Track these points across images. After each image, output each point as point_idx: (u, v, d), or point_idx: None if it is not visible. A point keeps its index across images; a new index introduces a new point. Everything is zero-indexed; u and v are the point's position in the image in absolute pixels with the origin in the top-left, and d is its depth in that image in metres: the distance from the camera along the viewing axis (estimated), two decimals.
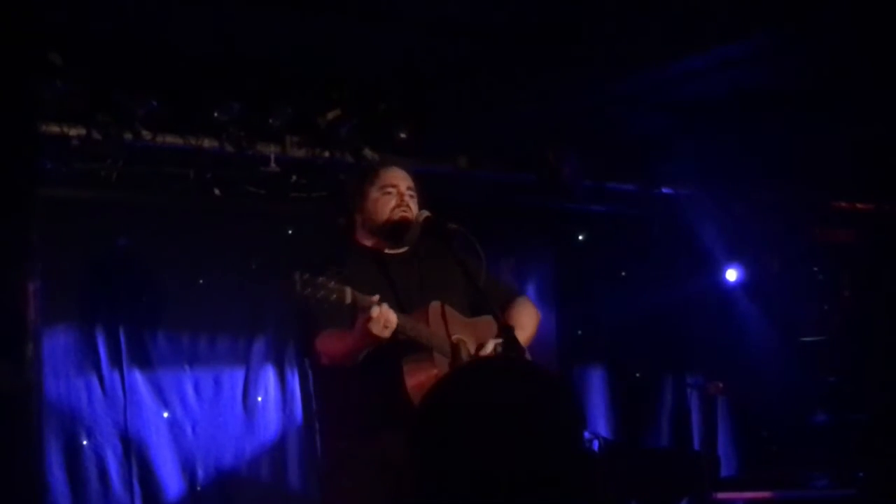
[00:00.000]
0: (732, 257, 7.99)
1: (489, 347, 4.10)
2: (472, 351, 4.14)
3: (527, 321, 4.35)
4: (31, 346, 4.81)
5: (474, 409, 1.89)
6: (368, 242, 4.26)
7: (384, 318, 3.74)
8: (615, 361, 7.97)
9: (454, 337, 4.10)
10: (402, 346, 3.94)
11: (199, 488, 6.32)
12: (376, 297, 3.78)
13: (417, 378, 3.92)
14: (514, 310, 4.38)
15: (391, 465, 3.91)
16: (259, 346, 6.62)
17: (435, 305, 4.08)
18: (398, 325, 3.81)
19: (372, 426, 4.03)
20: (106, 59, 5.55)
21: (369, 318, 3.71)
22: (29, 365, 4.79)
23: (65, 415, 6.01)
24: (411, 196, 4.26)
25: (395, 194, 4.24)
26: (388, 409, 3.96)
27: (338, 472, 4.13)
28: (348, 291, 3.73)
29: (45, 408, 5.78)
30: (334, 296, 3.70)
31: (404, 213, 4.20)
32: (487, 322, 4.15)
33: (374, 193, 4.25)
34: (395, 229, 4.20)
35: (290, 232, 6.61)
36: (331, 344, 3.96)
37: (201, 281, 6.43)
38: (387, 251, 4.25)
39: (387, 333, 3.76)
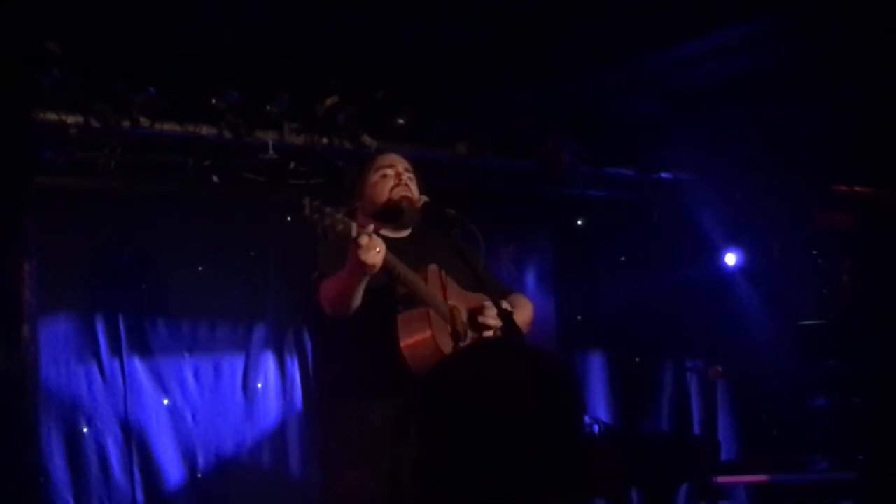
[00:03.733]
0: (732, 242, 7.99)
1: (489, 314, 4.11)
2: (465, 318, 4.14)
3: (522, 315, 4.35)
4: (27, 328, 4.84)
5: (475, 391, 1.90)
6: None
7: (375, 243, 3.73)
8: (615, 346, 7.97)
9: (450, 302, 4.11)
10: (398, 302, 3.95)
11: (199, 475, 6.33)
12: (371, 227, 3.78)
13: (412, 336, 3.92)
14: (511, 301, 4.38)
15: (382, 433, 3.93)
16: (259, 332, 6.63)
17: (433, 268, 4.09)
18: (395, 267, 3.82)
19: (364, 389, 4.03)
20: (104, 47, 5.54)
21: (359, 245, 3.70)
22: (25, 346, 4.82)
23: (65, 402, 6.02)
24: (409, 177, 4.27)
25: (393, 175, 4.25)
26: (380, 371, 3.96)
27: (333, 440, 4.14)
28: (354, 226, 3.72)
29: (45, 396, 5.80)
30: (340, 226, 3.68)
31: (404, 192, 4.20)
32: (484, 298, 4.15)
33: (373, 177, 4.26)
34: (396, 209, 4.20)
35: (288, 219, 6.60)
36: (329, 287, 3.95)
37: (200, 268, 6.44)
38: (387, 234, 4.25)
39: (378, 259, 3.73)
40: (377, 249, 3.73)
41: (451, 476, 1.84)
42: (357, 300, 3.90)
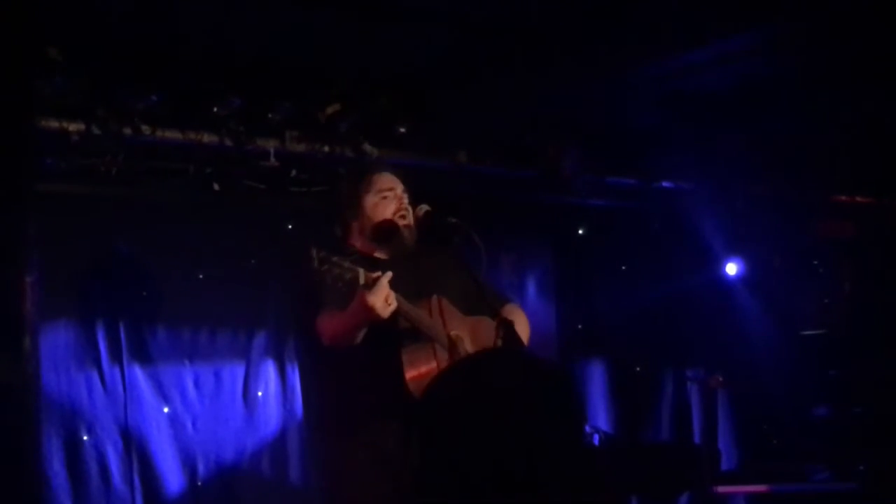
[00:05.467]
0: (732, 251, 7.99)
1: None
2: (469, 348, 4.14)
3: (519, 329, 4.36)
4: (28, 340, 4.82)
5: (478, 401, 1.90)
6: (363, 247, 4.27)
7: (387, 293, 3.76)
8: (615, 355, 7.97)
9: (452, 333, 4.11)
10: (402, 336, 3.96)
11: (199, 483, 6.32)
12: (387, 273, 3.80)
13: (417, 369, 3.94)
14: (508, 312, 4.38)
15: (388, 456, 3.94)
16: (259, 340, 6.63)
17: (435, 300, 4.10)
18: (400, 306, 3.84)
19: (369, 416, 4.04)
20: (105, 54, 5.54)
21: (371, 291, 3.72)
22: (26, 358, 4.80)
23: (65, 410, 6.00)
24: (408, 200, 4.29)
25: (394, 198, 4.26)
26: (385, 400, 3.97)
27: (337, 464, 4.14)
28: (361, 272, 3.76)
29: (46, 404, 5.79)
30: (349, 275, 3.74)
31: (405, 221, 4.23)
32: (485, 322, 4.16)
33: (372, 198, 4.27)
34: (395, 233, 4.22)
35: (289, 226, 6.60)
36: (331, 322, 3.97)
37: (201, 276, 6.44)
38: (381, 256, 4.26)
39: (386, 311, 3.78)
40: (389, 303, 3.77)
41: (453, 483, 1.84)
42: (359, 337, 3.93)
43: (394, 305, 3.81)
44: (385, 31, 5.61)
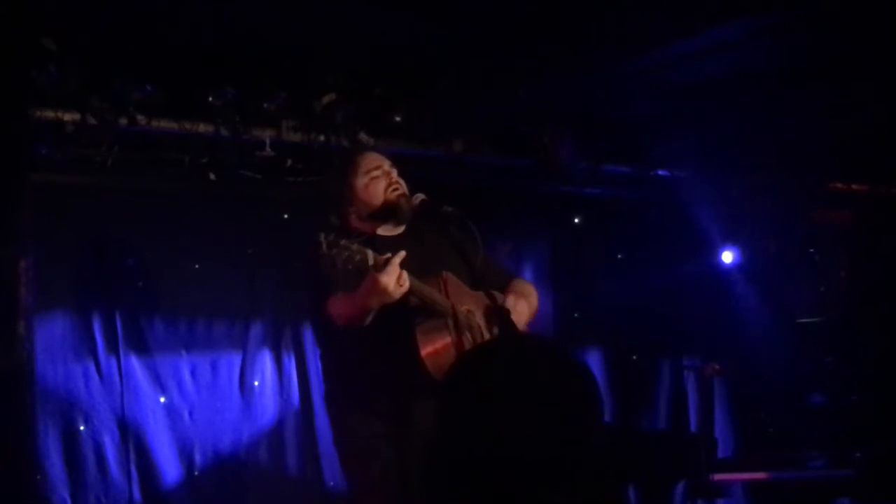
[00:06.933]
0: (729, 239, 7.99)
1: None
2: (481, 322, 4.16)
3: (524, 306, 4.37)
4: (22, 324, 4.82)
5: (502, 388, 1.89)
6: (364, 227, 4.28)
7: (399, 272, 3.77)
8: (612, 344, 7.96)
9: (464, 307, 4.13)
10: (415, 313, 3.97)
11: (196, 473, 6.32)
12: (399, 253, 3.81)
13: (433, 345, 3.96)
14: (514, 292, 4.39)
15: (403, 437, 3.96)
16: (256, 330, 6.62)
17: (443, 276, 4.11)
18: (411, 284, 3.84)
19: (384, 396, 4.06)
20: (100, 44, 5.53)
21: (383, 272, 3.73)
22: (20, 343, 4.80)
23: (62, 401, 6.00)
24: (397, 174, 4.29)
25: (383, 175, 4.27)
26: (402, 377, 3.99)
27: (352, 442, 4.16)
28: (370, 254, 3.77)
29: (42, 394, 5.79)
30: (358, 257, 3.75)
31: (399, 192, 4.23)
32: (495, 296, 4.18)
33: (362, 180, 4.28)
34: (394, 209, 4.22)
35: (285, 216, 6.60)
36: (342, 304, 4.00)
37: (197, 266, 6.43)
38: (384, 233, 4.27)
39: (399, 292, 3.79)
40: (401, 283, 3.78)
41: (471, 474, 1.83)
42: (371, 316, 3.93)
43: (406, 285, 3.83)
44: (381, 20, 5.60)
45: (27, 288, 4.81)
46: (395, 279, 3.79)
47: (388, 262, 3.80)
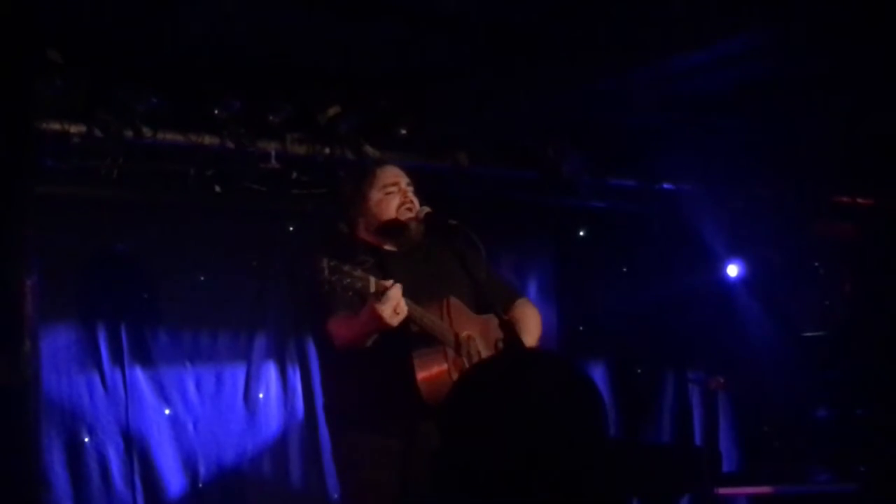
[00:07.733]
0: (733, 252, 7.99)
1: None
2: (481, 348, 4.16)
3: (533, 326, 4.38)
4: (28, 343, 4.82)
5: (502, 399, 1.89)
6: (371, 240, 4.28)
7: (397, 302, 3.77)
8: (616, 357, 7.96)
9: (464, 333, 4.12)
10: (414, 339, 3.97)
11: (200, 485, 6.31)
12: (397, 284, 3.83)
13: (428, 371, 3.96)
14: (518, 313, 4.39)
15: (399, 456, 3.96)
16: (260, 342, 6.62)
17: (446, 301, 4.12)
18: (410, 313, 3.85)
19: (381, 417, 4.06)
20: (106, 56, 5.55)
21: (381, 301, 3.74)
22: (26, 361, 4.80)
23: (66, 412, 6.00)
24: (412, 193, 4.29)
25: (398, 192, 4.27)
26: (397, 400, 3.99)
27: (352, 464, 4.17)
28: (372, 280, 3.78)
29: (47, 405, 5.78)
30: (359, 284, 3.75)
31: (410, 214, 4.23)
32: (496, 320, 4.17)
33: (376, 194, 4.28)
34: (401, 229, 4.23)
35: (290, 228, 6.61)
36: (341, 326, 4.01)
37: (202, 278, 6.43)
38: (390, 248, 4.27)
39: (396, 320, 3.80)
40: (398, 312, 3.79)
41: (475, 482, 1.84)
42: (371, 340, 3.95)
43: (403, 314, 3.83)
44: (385, 32, 5.61)
45: (33, 306, 4.81)
46: (391, 308, 3.79)
47: (386, 290, 3.80)
